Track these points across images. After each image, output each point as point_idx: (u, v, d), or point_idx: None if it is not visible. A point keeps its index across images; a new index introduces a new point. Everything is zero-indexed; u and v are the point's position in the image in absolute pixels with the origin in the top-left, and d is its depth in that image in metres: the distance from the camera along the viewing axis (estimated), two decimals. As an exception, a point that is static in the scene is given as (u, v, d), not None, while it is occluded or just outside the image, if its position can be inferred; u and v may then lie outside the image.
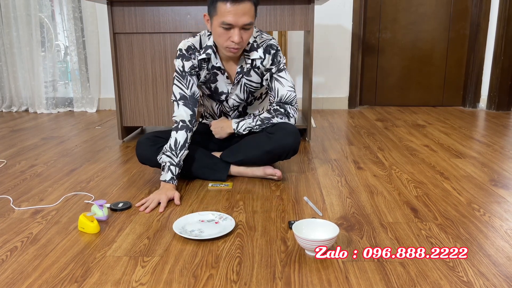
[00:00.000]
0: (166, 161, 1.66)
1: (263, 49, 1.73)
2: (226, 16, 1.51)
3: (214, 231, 1.32)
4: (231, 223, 1.36)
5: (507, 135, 2.66)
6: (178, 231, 1.29)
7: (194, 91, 1.73)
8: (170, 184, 1.64)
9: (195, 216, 1.42)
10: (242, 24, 1.54)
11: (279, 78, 1.75)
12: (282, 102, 1.77)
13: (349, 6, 3.53)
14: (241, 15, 1.52)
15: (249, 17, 1.54)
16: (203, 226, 1.36)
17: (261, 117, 1.78)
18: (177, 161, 1.66)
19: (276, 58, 1.74)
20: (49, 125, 3.08)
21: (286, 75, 1.77)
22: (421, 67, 3.71)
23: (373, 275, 1.09)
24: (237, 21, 1.52)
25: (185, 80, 1.71)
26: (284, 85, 1.75)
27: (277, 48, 1.74)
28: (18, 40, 3.55)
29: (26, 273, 1.12)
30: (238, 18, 1.52)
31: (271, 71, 1.75)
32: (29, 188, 1.77)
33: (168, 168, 1.65)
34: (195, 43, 1.73)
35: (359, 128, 2.91)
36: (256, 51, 1.72)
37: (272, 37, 1.77)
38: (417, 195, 1.65)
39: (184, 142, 1.68)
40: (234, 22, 1.52)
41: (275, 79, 1.75)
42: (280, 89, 1.75)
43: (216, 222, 1.39)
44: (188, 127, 1.69)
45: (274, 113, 1.77)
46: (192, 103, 1.72)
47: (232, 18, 1.51)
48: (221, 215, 1.43)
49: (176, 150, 1.66)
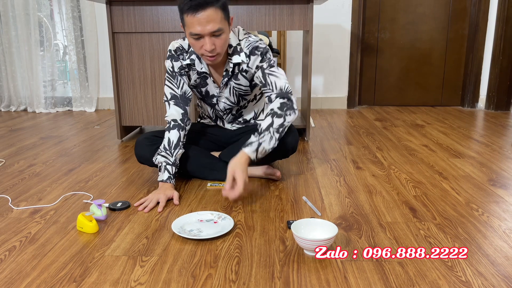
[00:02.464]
0: (162, 161, 1.66)
1: (248, 51, 1.66)
2: (192, 27, 1.48)
3: (213, 231, 1.32)
4: (230, 222, 1.36)
5: (506, 135, 2.66)
6: (176, 231, 1.29)
7: (185, 91, 1.72)
8: (168, 184, 1.64)
9: (194, 215, 1.42)
10: (209, 32, 1.48)
11: (272, 72, 1.65)
12: (284, 92, 1.63)
13: (348, 6, 3.53)
14: (206, 24, 1.46)
15: (215, 24, 1.48)
16: (202, 226, 1.36)
17: (275, 127, 1.55)
18: (173, 160, 1.66)
19: (265, 56, 1.66)
20: (47, 125, 3.07)
21: (279, 70, 1.67)
22: (420, 67, 3.71)
23: (372, 274, 1.09)
24: (203, 30, 1.47)
25: (175, 80, 1.71)
26: (280, 78, 1.65)
27: (265, 48, 1.66)
28: (16, 40, 3.54)
29: (24, 273, 1.12)
30: (203, 27, 1.47)
31: (262, 67, 1.66)
32: (27, 188, 1.76)
33: (164, 168, 1.65)
34: (184, 44, 1.71)
35: (358, 128, 2.91)
36: (238, 54, 1.66)
37: (260, 39, 1.69)
38: (416, 195, 1.66)
39: (178, 140, 1.67)
40: (201, 32, 1.48)
41: (269, 74, 1.65)
42: (277, 81, 1.64)
43: (215, 222, 1.38)
44: (180, 126, 1.69)
45: (283, 111, 1.58)
46: (183, 102, 1.71)
47: (198, 28, 1.47)
48: (220, 214, 1.42)
49: (171, 149, 1.66)
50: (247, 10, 2.34)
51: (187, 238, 1.28)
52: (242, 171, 1.45)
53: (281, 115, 1.57)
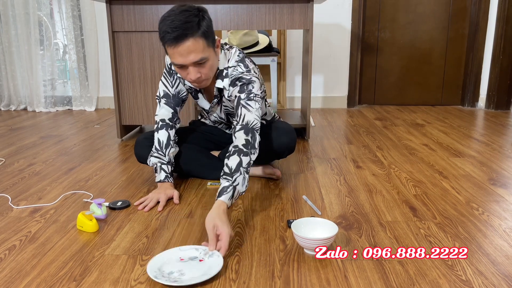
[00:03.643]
0: (156, 162, 1.66)
1: (230, 81, 1.57)
2: (174, 58, 1.41)
3: (197, 273, 1.08)
4: (218, 261, 1.12)
5: (506, 134, 2.66)
6: (152, 275, 1.05)
7: (179, 90, 1.70)
8: (167, 183, 1.64)
9: (175, 252, 1.18)
10: (191, 63, 1.41)
11: (246, 105, 1.50)
12: (250, 128, 1.46)
13: (348, 5, 3.53)
14: (187, 55, 1.38)
15: (197, 54, 1.39)
16: (184, 267, 1.12)
17: (244, 166, 1.39)
18: (167, 159, 1.66)
19: (246, 87, 1.53)
20: (47, 124, 3.07)
21: (255, 105, 1.51)
22: (420, 67, 3.71)
23: (372, 274, 1.09)
24: (185, 61, 1.40)
25: (171, 78, 1.69)
26: (251, 112, 1.49)
27: (249, 80, 1.53)
28: (16, 39, 3.54)
29: (24, 272, 1.11)
30: (184, 58, 1.39)
31: (240, 97, 1.52)
32: (27, 187, 1.76)
33: (160, 168, 1.65)
34: None
35: (358, 127, 2.91)
36: (222, 80, 1.58)
37: (248, 70, 1.56)
38: (416, 194, 1.65)
39: (168, 140, 1.67)
40: (183, 63, 1.41)
41: (242, 106, 1.50)
42: (247, 114, 1.48)
43: (200, 260, 1.15)
44: (168, 125, 1.68)
45: (249, 149, 1.43)
46: (174, 102, 1.70)
47: (180, 59, 1.40)
48: (207, 250, 1.18)
49: (162, 149, 1.66)
50: (247, 9, 2.34)
51: (165, 285, 1.04)
52: (224, 224, 1.21)
53: (247, 153, 1.42)
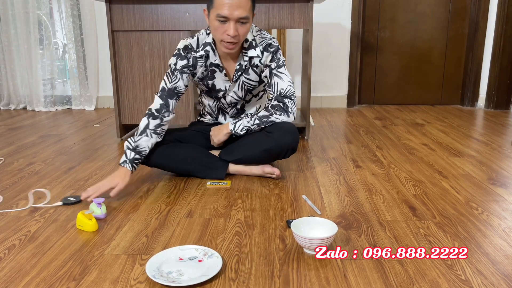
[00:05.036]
0: (125, 145, 1.67)
1: (262, 48, 1.74)
2: (221, 8, 1.54)
3: (196, 273, 1.09)
4: (217, 262, 1.12)
5: (506, 133, 2.66)
6: (151, 274, 1.06)
7: (176, 86, 1.73)
8: (123, 169, 1.62)
9: (175, 252, 1.18)
10: (237, 17, 1.56)
11: (278, 73, 1.75)
12: (282, 96, 1.75)
13: (348, 4, 3.52)
14: (236, 8, 1.54)
15: (244, 11, 1.56)
16: (183, 266, 1.12)
17: (259, 115, 1.75)
18: (134, 146, 1.65)
19: (276, 55, 1.75)
20: (47, 123, 3.07)
21: (285, 71, 1.77)
22: (419, 66, 3.71)
23: (371, 273, 1.09)
24: (232, 13, 1.55)
25: (173, 77, 1.74)
26: (284, 80, 1.75)
27: (277, 47, 1.75)
28: (16, 38, 3.53)
29: (24, 271, 1.11)
30: (233, 11, 1.54)
31: (271, 67, 1.76)
32: (27, 186, 1.76)
33: (124, 152, 1.66)
34: (193, 43, 1.75)
35: (357, 126, 2.91)
36: (254, 49, 1.74)
37: (272, 37, 1.78)
38: (416, 193, 1.66)
39: (145, 127, 1.68)
40: (229, 15, 1.55)
41: (274, 75, 1.75)
42: (280, 83, 1.75)
43: (199, 260, 1.15)
44: (152, 115, 1.69)
45: (273, 109, 1.75)
46: (167, 95, 1.72)
47: (227, 11, 1.54)
48: (207, 250, 1.18)
49: (136, 135, 1.68)
50: (247, 8, 2.34)
51: (164, 285, 1.05)
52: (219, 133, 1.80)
53: (269, 110, 1.75)
